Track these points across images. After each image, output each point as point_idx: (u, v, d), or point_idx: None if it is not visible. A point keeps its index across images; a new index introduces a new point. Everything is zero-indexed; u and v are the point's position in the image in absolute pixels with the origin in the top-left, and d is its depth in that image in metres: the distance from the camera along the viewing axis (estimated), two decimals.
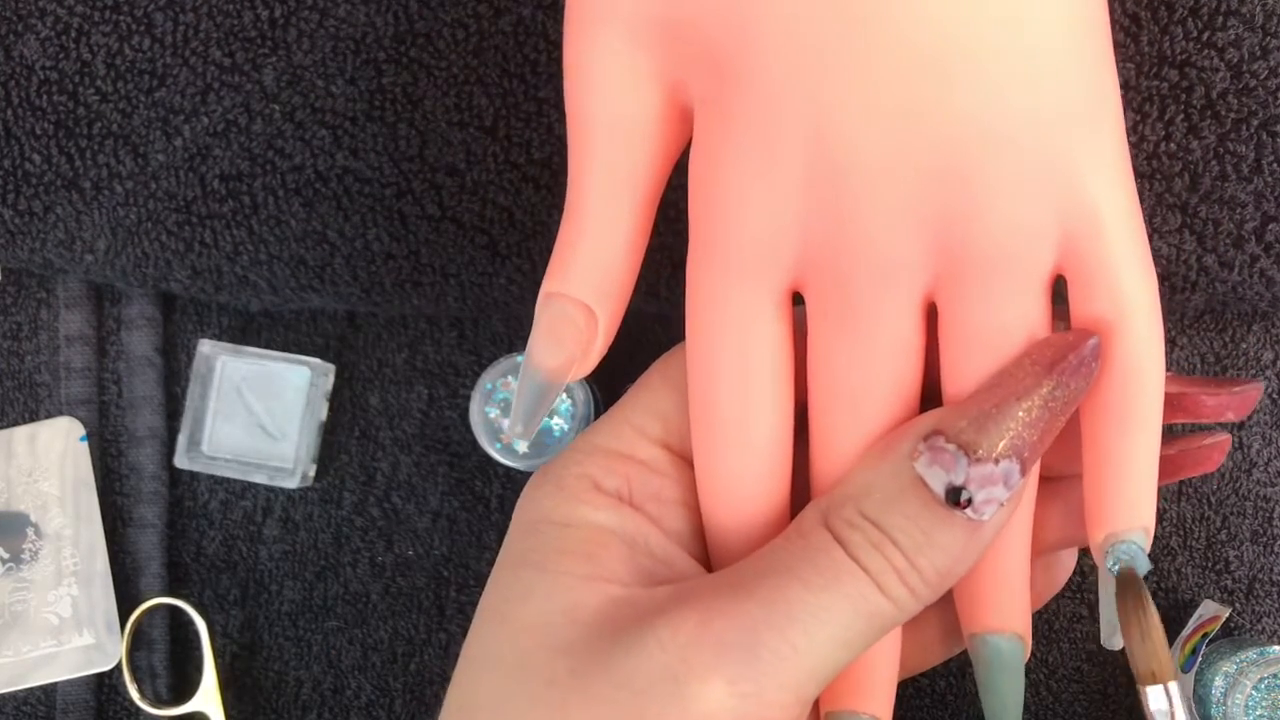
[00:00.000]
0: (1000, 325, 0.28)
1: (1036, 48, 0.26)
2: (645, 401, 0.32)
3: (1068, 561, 0.34)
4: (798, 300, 0.30)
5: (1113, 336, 0.28)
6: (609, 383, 0.44)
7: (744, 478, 0.30)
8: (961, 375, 0.29)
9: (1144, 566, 0.28)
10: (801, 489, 0.31)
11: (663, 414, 0.31)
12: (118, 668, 0.46)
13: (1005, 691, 0.30)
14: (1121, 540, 0.28)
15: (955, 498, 0.27)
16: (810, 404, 0.30)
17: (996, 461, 0.27)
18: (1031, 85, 0.26)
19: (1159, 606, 0.45)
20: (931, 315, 0.29)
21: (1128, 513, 0.28)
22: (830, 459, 0.30)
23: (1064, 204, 0.27)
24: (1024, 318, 0.28)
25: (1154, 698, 0.28)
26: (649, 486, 0.31)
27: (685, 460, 0.31)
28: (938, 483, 0.27)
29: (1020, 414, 0.27)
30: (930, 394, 0.30)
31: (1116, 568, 0.29)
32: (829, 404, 0.29)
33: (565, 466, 0.31)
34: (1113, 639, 0.30)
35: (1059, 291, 0.29)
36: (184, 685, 0.47)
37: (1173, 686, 0.28)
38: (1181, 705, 0.28)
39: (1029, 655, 0.30)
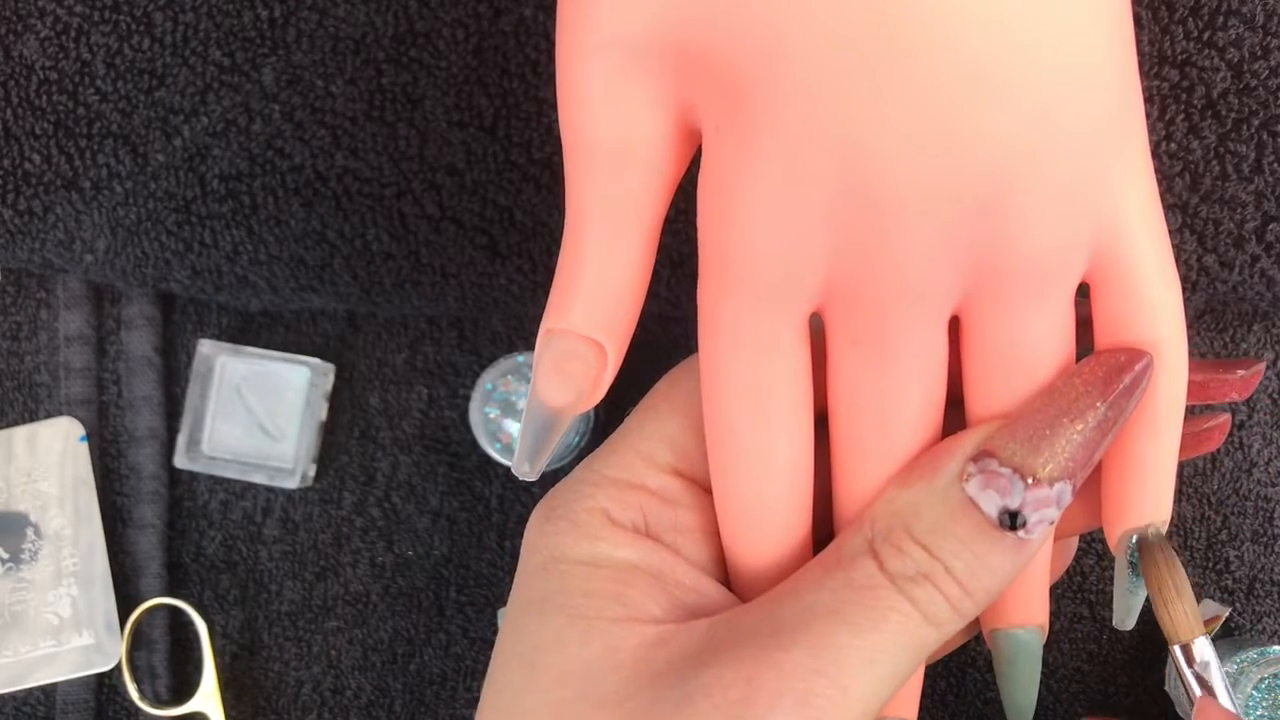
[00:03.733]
0: (1029, 341, 0.28)
1: (1072, 66, 0.25)
2: (652, 428, 0.30)
3: (1073, 544, 0.34)
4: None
5: (1140, 344, 0.28)
6: None
7: (767, 507, 0.29)
8: (991, 391, 0.28)
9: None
10: (819, 514, 0.30)
11: (671, 439, 0.30)
12: (117, 668, 0.46)
13: (1025, 676, 0.30)
14: (1139, 531, 0.29)
15: (1011, 521, 0.27)
16: (834, 428, 0.29)
17: (1051, 484, 0.27)
18: (1068, 104, 0.26)
19: None
20: (950, 329, 0.29)
21: (1151, 509, 0.29)
22: (858, 483, 0.29)
23: (1096, 219, 0.27)
24: (1052, 332, 0.28)
25: (1200, 648, 0.28)
26: (664, 517, 0.30)
27: (699, 486, 0.30)
28: (991, 506, 0.27)
29: (1075, 436, 0.27)
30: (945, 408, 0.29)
31: (1135, 540, 0.29)
32: (856, 428, 0.29)
33: (575, 500, 0.30)
34: (1125, 621, 0.30)
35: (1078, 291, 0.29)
36: (184, 685, 0.47)
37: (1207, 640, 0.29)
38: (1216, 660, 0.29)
39: (1046, 637, 0.31)
